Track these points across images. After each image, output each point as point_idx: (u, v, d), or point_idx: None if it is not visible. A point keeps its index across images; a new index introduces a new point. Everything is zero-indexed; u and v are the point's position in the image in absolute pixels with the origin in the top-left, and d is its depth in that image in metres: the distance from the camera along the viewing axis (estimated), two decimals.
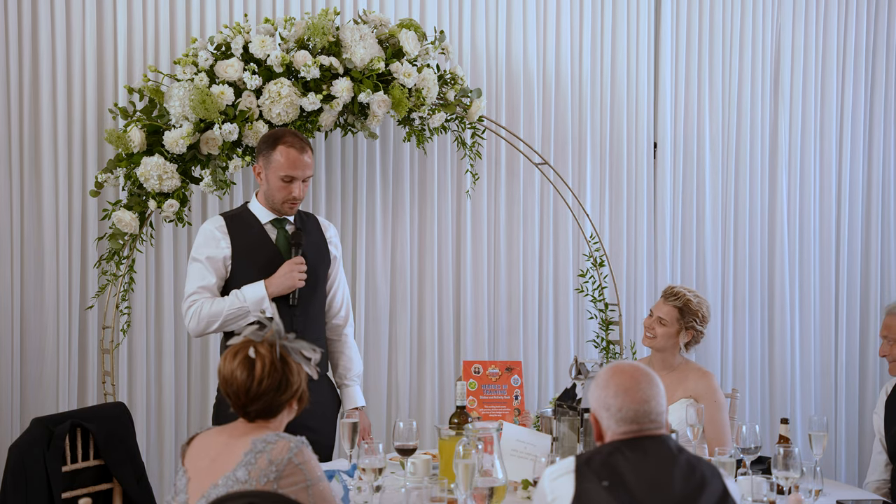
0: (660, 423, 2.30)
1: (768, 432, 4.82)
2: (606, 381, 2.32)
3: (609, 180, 4.83)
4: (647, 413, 2.28)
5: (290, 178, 3.35)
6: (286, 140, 3.36)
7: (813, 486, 2.82)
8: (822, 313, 5.15)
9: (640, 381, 2.30)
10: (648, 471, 2.22)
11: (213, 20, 4.23)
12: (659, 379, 2.35)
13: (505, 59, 4.65)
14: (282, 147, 3.35)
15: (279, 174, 3.35)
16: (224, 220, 3.44)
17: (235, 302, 3.32)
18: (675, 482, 2.20)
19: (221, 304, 3.33)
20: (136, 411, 4.08)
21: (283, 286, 3.33)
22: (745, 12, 4.98)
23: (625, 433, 2.28)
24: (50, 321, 4.06)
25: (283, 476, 2.27)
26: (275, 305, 3.33)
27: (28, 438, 3.24)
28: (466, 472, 2.57)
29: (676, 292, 3.62)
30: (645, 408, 2.28)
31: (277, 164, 3.35)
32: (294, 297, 3.37)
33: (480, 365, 3.63)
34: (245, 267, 3.38)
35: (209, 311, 3.33)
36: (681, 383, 3.56)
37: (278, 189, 3.37)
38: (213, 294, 3.37)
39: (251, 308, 3.30)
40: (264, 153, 3.38)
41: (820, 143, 5.12)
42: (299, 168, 3.36)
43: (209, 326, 3.35)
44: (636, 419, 2.28)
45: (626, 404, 2.28)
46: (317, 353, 2.45)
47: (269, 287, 3.32)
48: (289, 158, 3.34)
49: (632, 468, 2.21)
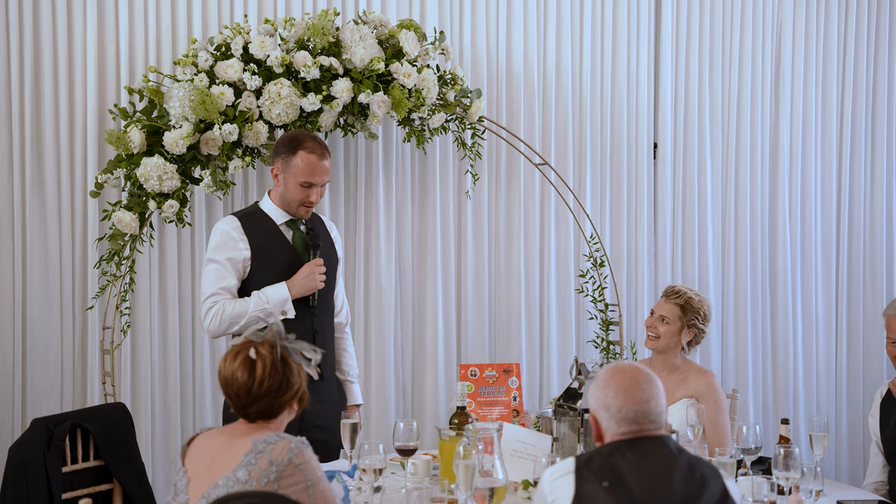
0: (659, 424, 2.30)
1: (770, 433, 4.82)
2: (606, 381, 2.33)
3: (609, 181, 4.83)
4: (646, 413, 2.29)
5: (310, 184, 3.37)
6: (307, 145, 3.38)
7: (813, 487, 2.82)
8: (824, 313, 5.14)
9: (640, 382, 2.31)
10: (649, 471, 2.22)
11: (214, 21, 4.23)
12: (658, 380, 2.36)
13: (505, 60, 4.65)
14: (302, 152, 3.36)
15: (298, 180, 3.37)
16: (239, 220, 3.44)
17: (259, 303, 3.34)
18: (676, 483, 2.21)
19: (245, 304, 3.35)
20: (138, 412, 4.09)
21: (305, 287, 3.37)
22: (745, 12, 4.97)
23: (624, 433, 2.29)
24: (50, 321, 4.06)
25: (283, 476, 2.27)
26: (292, 306, 3.37)
27: (28, 439, 3.24)
28: (467, 472, 2.57)
29: (678, 291, 3.63)
30: (644, 408, 2.29)
31: (297, 170, 3.36)
32: (314, 299, 3.43)
33: (477, 368, 3.64)
34: (264, 268, 3.40)
35: (232, 311, 3.34)
36: (682, 384, 3.56)
37: (296, 193, 3.39)
38: (232, 295, 3.39)
39: (274, 309, 3.33)
40: (283, 156, 3.39)
41: (821, 143, 5.11)
42: (319, 174, 3.38)
43: (231, 327, 3.36)
44: (636, 419, 2.28)
45: (626, 404, 2.28)
46: (317, 354, 2.45)
47: (291, 289, 3.36)
48: (309, 164, 3.36)
49: (632, 469, 2.21)
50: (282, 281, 3.37)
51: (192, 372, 4.26)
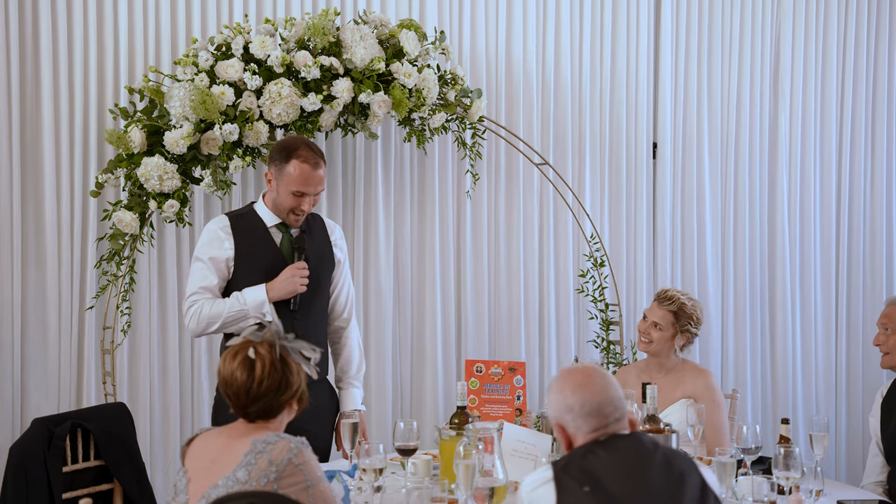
0: (623, 413, 2.33)
1: (769, 432, 4.82)
2: (561, 385, 2.35)
3: (609, 180, 4.83)
4: (609, 401, 2.31)
5: (302, 193, 3.32)
6: (300, 154, 3.31)
7: (814, 487, 2.82)
8: (823, 312, 5.14)
9: (593, 376, 2.35)
10: (626, 469, 2.21)
11: (214, 20, 4.23)
12: (609, 373, 2.39)
13: (505, 60, 4.65)
14: (295, 161, 3.30)
15: (291, 188, 3.31)
16: (229, 220, 3.42)
17: (235, 304, 3.31)
18: (655, 480, 2.20)
19: (222, 305, 3.33)
20: (138, 411, 4.08)
21: (283, 291, 3.32)
22: (744, 12, 4.98)
23: (595, 431, 2.30)
24: (51, 321, 4.06)
25: (283, 476, 2.27)
26: (274, 309, 3.32)
27: (28, 439, 3.24)
28: (467, 472, 2.57)
29: (671, 296, 3.62)
30: (604, 397, 2.31)
31: (290, 178, 3.30)
32: (295, 302, 3.35)
33: (483, 364, 3.61)
34: (247, 269, 3.37)
35: (209, 312, 3.32)
36: (679, 384, 3.56)
37: (287, 200, 3.34)
38: (214, 294, 3.36)
39: (251, 311, 3.30)
40: (277, 163, 3.34)
41: (820, 142, 5.11)
42: (311, 184, 3.32)
43: (209, 327, 3.34)
44: (600, 410, 2.29)
45: (586, 398, 2.30)
46: (316, 353, 2.45)
47: (270, 291, 3.31)
48: (302, 174, 3.30)
49: (608, 469, 2.21)
50: (264, 283, 3.34)
51: (191, 372, 4.26)
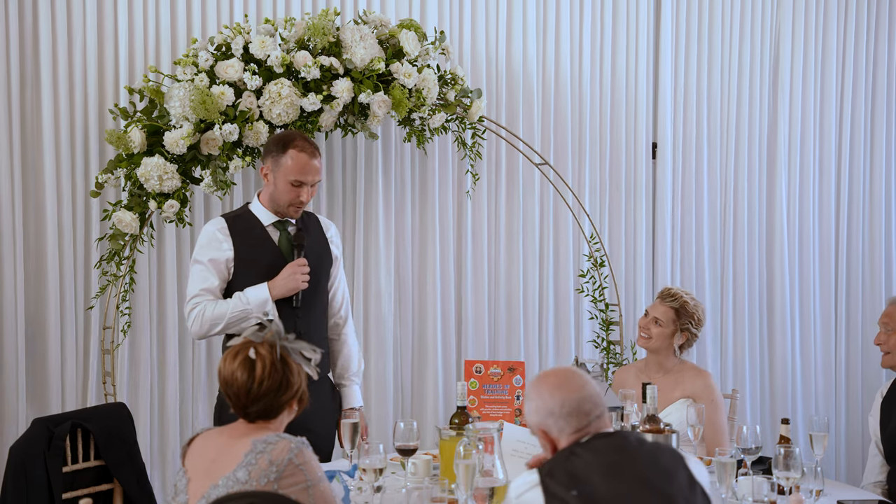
0: (603, 409, 2.33)
1: (769, 432, 4.82)
2: (538, 389, 2.36)
3: (609, 180, 4.83)
4: (588, 398, 2.31)
5: (300, 183, 3.34)
6: (297, 144, 3.35)
7: (814, 487, 2.82)
8: (822, 312, 5.14)
9: (567, 375, 2.36)
10: (611, 470, 2.20)
11: (214, 21, 4.23)
12: (583, 371, 2.41)
13: (505, 60, 4.65)
14: (292, 151, 3.34)
15: (288, 178, 3.33)
16: (226, 221, 3.43)
17: (238, 304, 3.32)
18: (642, 477, 2.19)
19: (224, 306, 3.33)
20: (138, 412, 4.08)
21: (286, 288, 3.33)
22: (744, 12, 4.98)
23: (577, 431, 2.30)
24: (51, 322, 4.06)
25: (283, 476, 2.27)
26: (275, 307, 3.33)
27: (28, 439, 3.24)
28: (467, 472, 2.57)
29: (673, 293, 3.63)
30: (583, 394, 2.31)
31: (287, 168, 3.34)
32: (297, 299, 3.37)
33: (482, 364, 3.61)
34: (247, 269, 3.37)
35: (212, 313, 3.33)
36: (678, 384, 3.56)
37: (286, 192, 3.36)
38: (215, 296, 3.36)
39: (254, 310, 3.30)
40: (273, 155, 3.37)
41: (819, 142, 5.11)
42: (309, 173, 3.35)
43: (212, 329, 3.35)
44: (580, 408, 2.30)
45: (565, 397, 2.31)
46: (317, 354, 2.45)
47: (272, 289, 3.32)
48: (299, 163, 3.33)
49: (594, 470, 2.20)
50: (266, 282, 3.34)
51: (191, 372, 4.26)
